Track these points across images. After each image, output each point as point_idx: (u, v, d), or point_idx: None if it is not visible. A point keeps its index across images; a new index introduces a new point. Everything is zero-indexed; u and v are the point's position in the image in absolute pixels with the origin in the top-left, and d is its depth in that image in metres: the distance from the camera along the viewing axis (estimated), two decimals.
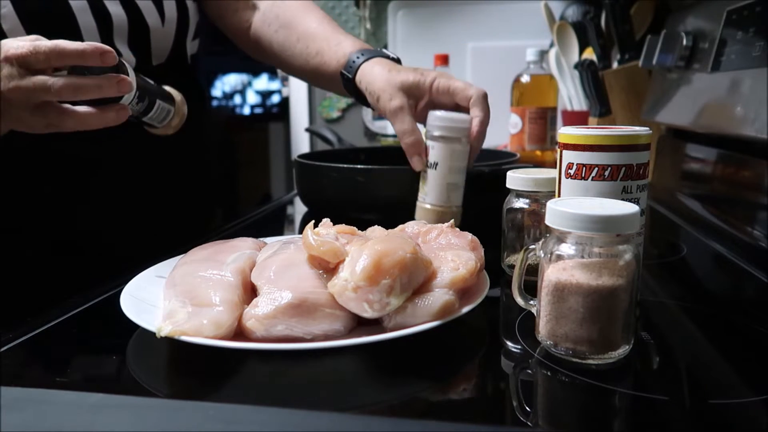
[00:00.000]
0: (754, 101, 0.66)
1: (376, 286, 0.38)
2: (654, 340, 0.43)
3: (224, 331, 0.38)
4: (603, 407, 0.36)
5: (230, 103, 3.75)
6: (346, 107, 2.06)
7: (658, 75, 1.02)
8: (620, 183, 0.44)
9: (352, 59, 0.75)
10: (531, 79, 1.16)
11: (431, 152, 0.63)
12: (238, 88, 3.92)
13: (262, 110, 3.83)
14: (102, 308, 0.51)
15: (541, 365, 0.39)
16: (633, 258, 0.38)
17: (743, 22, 0.74)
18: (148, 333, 0.39)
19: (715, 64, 0.79)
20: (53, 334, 0.45)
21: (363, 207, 0.74)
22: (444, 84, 0.69)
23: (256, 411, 0.32)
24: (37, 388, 0.36)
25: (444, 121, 0.61)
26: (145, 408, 0.34)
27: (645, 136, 0.45)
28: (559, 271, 0.39)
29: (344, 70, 0.76)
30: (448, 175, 0.62)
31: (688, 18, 0.93)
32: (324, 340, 0.39)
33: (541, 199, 0.54)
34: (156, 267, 0.52)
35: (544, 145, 1.16)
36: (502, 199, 0.57)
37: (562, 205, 0.38)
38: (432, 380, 0.38)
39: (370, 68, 0.73)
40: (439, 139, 0.62)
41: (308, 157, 0.87)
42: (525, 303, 0.43)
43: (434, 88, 0.70)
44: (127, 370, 0.39)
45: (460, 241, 0.48)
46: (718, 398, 0.35)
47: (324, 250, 0.42)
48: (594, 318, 0.38)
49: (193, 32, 0.85)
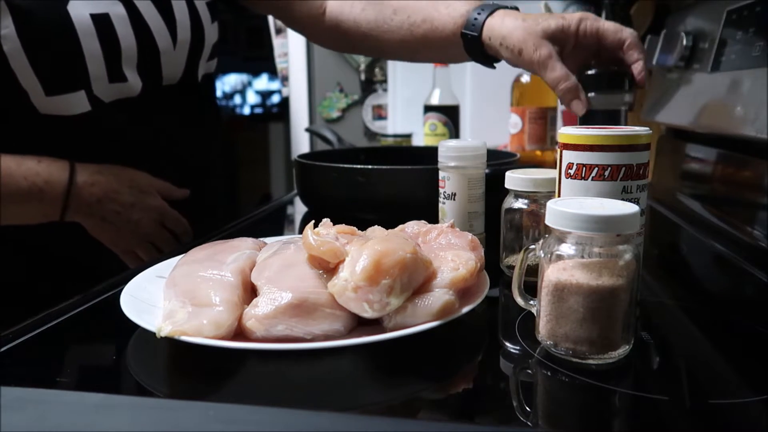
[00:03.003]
0: (754, 101, 0.66)
1: (376, 286, 0.38)
2: (654, 340, 0.43)
3: (224, 331, 0.38)
4: (603, 407, 0.36)
5: (230, 103, 3.75)
6: (346, 107, 2.06)
7: (658, 75, 1.02)
8: (620, 183, 0.44)
9: (472, 17, 0.69)
10: (531, 79, 1.16)
11: (447, 183, 0.61)
12: (238, 88, 3.93)
13: (262, 110, 3.83)
14: (102, 308, 0.51)
15: (541, 365, 0.39)
16: (633, 258, 0.38)
17: (743, 22, 0.74)
18: (148, 333, 0.39)
19: (715, 64, 0.79)
20: (53, 334, 0.45)
21: (363, 207, 0.74)
22: (592, 27, 0.64)
23: (256, 411, 0.32)
24: (37, 388, 0.36)
25: (458, 151, 0.59)
26: (145, 408, 0.34)
27: (645, 136, 0.45)
28: (559, 271, 0.39)
29: (466, 30, 0.69)
30: (468, 204, 0.60)
31: (688, 18, 0.93)
32: (324, 340, 0.39)
33: (540, 199, 0.54)
34: (156, 267, 0.52)
35: (544, 145, 1.16)
36: (501, 199, 0.57)
37: (562, 205, 0.38)
38: (432, 380, 0.38)
39: (499, 22, 0.67)
40: (453, 169, 0.60)
41: (308, 157, 0.87)
42: (525, 303, 0.43)
43: (581, 31, 0.64)
44: (127, 370, 0.39)
45: (460, 241, 0.48)
46: (718, 398, 0.35)
47: (324, 250, 0.42)
48: (594, 318, 0.38)
49: (209, 53, 0.82)
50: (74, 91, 0.66)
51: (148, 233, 0.74)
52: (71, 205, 0.67)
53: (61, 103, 0.65)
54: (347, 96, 2.04)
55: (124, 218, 0.71)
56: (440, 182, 0.61)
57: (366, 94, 2.02)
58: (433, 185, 0.63)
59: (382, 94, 2.00)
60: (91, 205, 0.68)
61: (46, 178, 0.65)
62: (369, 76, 2.00)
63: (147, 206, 0.73)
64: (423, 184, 0.69)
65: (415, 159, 0.93)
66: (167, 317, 0.40)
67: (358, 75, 2.01)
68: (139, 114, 0.73)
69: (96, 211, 0.69)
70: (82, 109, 0.67)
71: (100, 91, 0.68)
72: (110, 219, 0.70)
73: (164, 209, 0.75)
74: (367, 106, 2.03)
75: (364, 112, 2.03)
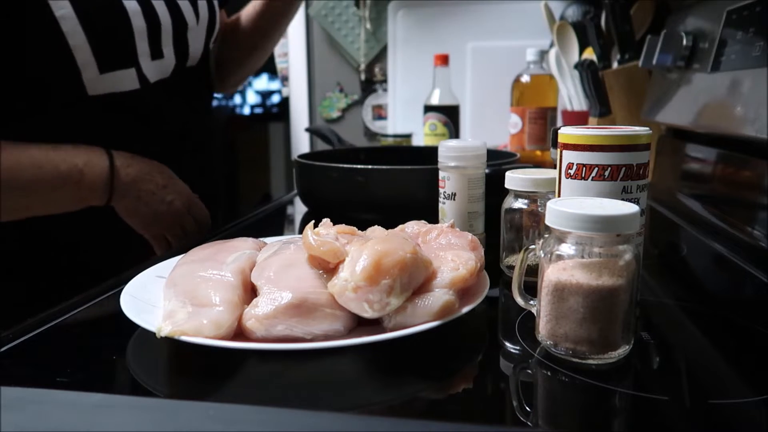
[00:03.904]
0: (754, 101, 0.66)
1: (376, 286, 0.38)
2: (654, 340, 0.43)
3: (224, 331, 0.38)
4: (603, 407, 0.36)
5: (230, 103, 3.75)
6: (346, 107, 2.06)
7: (658, 75, 1.02)
8: (620, 183, 0.44)
9: None
10: (531, 79, 1.16)
11: (447, 183, 0.61)
12: (238, 88, 3.92)
13: (262, 110, 3.83)
14: (102, 308, 0.51)
15: (541, 365, 0.39)
16: (633, 258, 0.38)
17: (743, 22, 0.74)
18: (148, 333, 0.39)
19: (715, 64, 0.79)
20: (53, 334, 0.45)
21: (363, 207, 0.74)
22: None
23: (256, 411, 0.32)
24: (37, 388, 0.36)
25: (458, 151, 0.59)
26: (145, 408, 0.34)
27: (645, 136, 0.45)
28: (559, 271, 0.39)
29: None
30: (468, 204, 0.60)
31: (688, 18, 0.92)
32: (324, 340, 0.39)
33: (540, 199, 0.54)
34: (156, 267, 0.52)
35: (544, 145, 1.16)
36: (501, 199, 0.57)
37: (562, 205, 0.38)
38: (432, 380, 0.38)
39: None
40: (453, 169, 0.60)
41: (308, 157, 0.87)
42: (525, 303, 0.43)
43: None
44: (127, 370, 0.39)
45: (460, 241, 0.48)
46: (718, 398, 0.35)
47: (324, 250, 0.42)
48: (594, 318, 0.38)
49: (215, 35, 0.87)
50: (125, 68, 0.69)
51: (178, 217, 0.75)
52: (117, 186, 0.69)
53: (113, 80, 0.68)
54: (347, 96, 2.04)
55: (158, 198, 0.72)
56: (440, 182, 0.61)
57: (366, 94, 2.02)
58: (433, 185, 0.63)
59: (382, 94, 2.00)
60: (128, 185, 0.70)
61: (86, 161, 0.67)
62: (369, 76, 2.00)
63: (178, 189, 0.75)
64: (423, 184, 0.69)
65: (415, 159, 0.93)
66: (167, 317, 0.40)
67: (358, 75, 2.01)
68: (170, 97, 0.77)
69: (132, 191, 0.70)
70: (132, 87, 0.70)
71: (146, 68, 0.71)
72: (145, 199, 0.71)
73: (191, 195, 0.78)
74: (367, 106, 2.02)
75: (364, 112, 2.03)
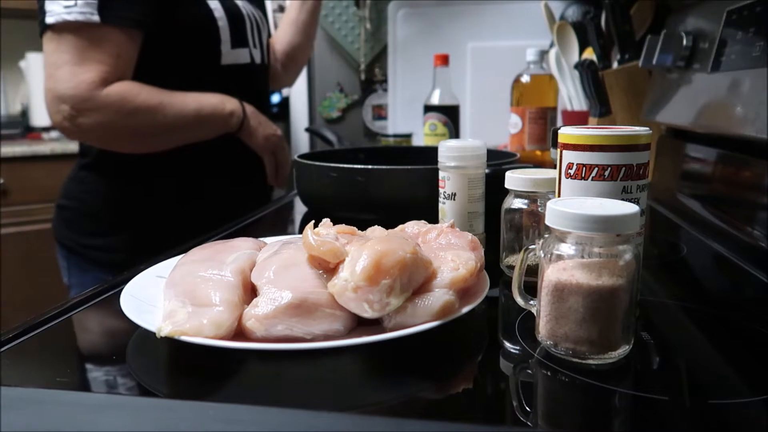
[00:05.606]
0: (754, 101, 0.66)
1: (376, 286, 0.38)
2: (654, 340, 0.43)
3: (224, 331, 0.38)
4: (603, 407, 0.36)
5: None
6: (346, 107, 2.06)
7: (658, 75, 1.02)
8: (620, 183, 0.44)
9: None
10: (531, 79, 1.16)
11: (447, 183, 0.60)
12: None
13: None
14: (102, 308, 0.51)
15: (541, 365, 0.39)
16: (633, 258, 0.38)
17: (743, 22, 0.74)
18: (148, 333, 0.39)
19: (715, 64, 0.79)
20: (53, 334, 0.45)
21: (363, 207, 0.73)
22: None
23: (256, 411, 0.32)
24: (37, 388, 0.36)
25: (458, 151, 0.59)
26: (145, 408, 0.34)
27: (645, 136, 0.45)
28: (559, 271, 0.39)
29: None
30: (468, 204, 0.60)
31: (688, 18, 0.92)
32: (324, 340, 0.39)
33: (540, 199, 0.54)
34: (156, 267, 0.52)
35: (544, 145, 1.16)
36: (501, 199, 0.57)
37: (562, 205, 0.38)
38: (432, 380, 0.38)
39: None
40: (453, 169, 0.60)
41: (308, 157, 0.87)
42: (525, 303, 0.43)
43: None
44: (127, 370, 0.39)
45: (460, 241, 0.48)
46: (718, 398, 0.35)
47: (324, 250, 0.42)
48: (594, 318, 0.38)
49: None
50: (243, 47, 1.01)
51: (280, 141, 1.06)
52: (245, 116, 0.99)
53: (236, 55, 1.00)
54: (347, 96, 2.04)
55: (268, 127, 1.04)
56: (440, 182, 0.61)
57: (366, 94, 2.02)
58: (433, 185, 0.63)
59: (382, 94, 2.00)
60: (250, 116, 1.00)
61: (226, 101, 0.97)
62: (369, 76, 2.00)
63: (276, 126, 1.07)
64: (423, 184, 0.69)
65: (415, 159, 0.93)
66: (167, 317, 0.40)
67: (358, 75, 2.01)
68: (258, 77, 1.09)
69: (253, 120, 1.01)
70: (245, 60, 1.02)
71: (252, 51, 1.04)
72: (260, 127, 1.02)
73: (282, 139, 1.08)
74: (367, 106, 2.02)
75: (364, 112, 2.03)
